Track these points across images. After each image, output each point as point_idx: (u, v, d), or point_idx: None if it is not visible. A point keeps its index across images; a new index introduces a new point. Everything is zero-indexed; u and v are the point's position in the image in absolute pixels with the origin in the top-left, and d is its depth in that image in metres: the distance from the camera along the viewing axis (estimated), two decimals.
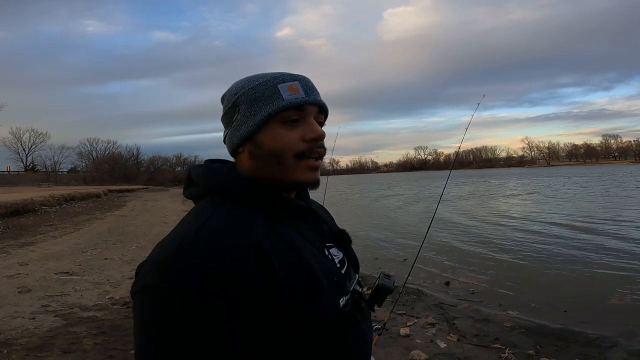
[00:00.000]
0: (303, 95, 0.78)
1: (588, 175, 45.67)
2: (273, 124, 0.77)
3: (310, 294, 0.71)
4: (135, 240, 10.10)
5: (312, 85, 0.82)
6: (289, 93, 0.77)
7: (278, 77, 0.79)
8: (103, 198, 30.51)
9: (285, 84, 0.79)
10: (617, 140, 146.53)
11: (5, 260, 7.70)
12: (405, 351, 3.77)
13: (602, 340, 4.08)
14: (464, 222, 13.26)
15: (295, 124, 0.78)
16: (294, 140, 0.77)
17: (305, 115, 0.78)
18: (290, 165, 0.77)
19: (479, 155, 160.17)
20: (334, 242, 0.88)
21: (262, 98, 0.78)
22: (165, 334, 0.62)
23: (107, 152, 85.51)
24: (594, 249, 8.32)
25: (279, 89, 0.78)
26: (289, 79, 0.80)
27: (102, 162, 77.67)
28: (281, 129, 0.77)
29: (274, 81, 0.79)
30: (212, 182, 0.79)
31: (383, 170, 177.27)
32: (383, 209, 19.99)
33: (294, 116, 0.77)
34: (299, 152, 0.77)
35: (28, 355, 3.57)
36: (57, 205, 20.91)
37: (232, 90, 0.83)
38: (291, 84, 0.79)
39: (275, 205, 0.78)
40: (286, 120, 0.77)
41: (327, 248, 0.84)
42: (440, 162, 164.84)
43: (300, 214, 0.82)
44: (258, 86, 0.79)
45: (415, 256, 3.07)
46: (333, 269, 0.80)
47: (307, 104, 0.78)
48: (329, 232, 0.89)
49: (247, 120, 0.79)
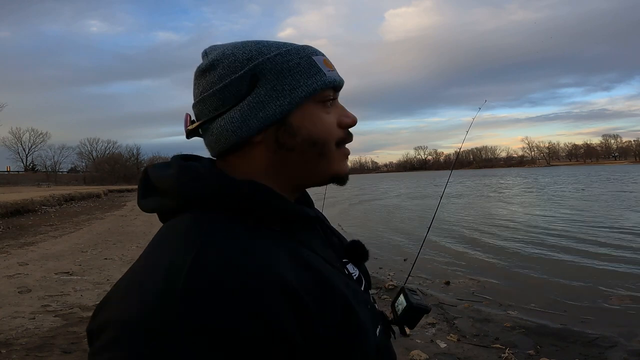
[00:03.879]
0: (337, 74, 0.65)
1: (590, 176, 45.62)
2: (311, 104, 0.60)
3: (353, 333, 0.54)
4: (135, 240, 10.10)
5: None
6: (328, 69, 0.62)
7: (309, 48, 0.63)
8: (103, 198, 30.50)
9: (320, 57, 0.63)
10: (617, 140, 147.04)
11: (5, 260, 7.70)
12: (405, 351, 3.77)
13: (602, 340, 4.08)
14: (464, 222, 13.25)
15: (330, 108, 0.63)
16: (333, 125, 0.62)
17: (335, 97, 0.64)
18: (333, 155, 0.62)
19: (479, 155, 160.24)
20: (348, 256, 0.71)
21: (298, 69, 0.60)
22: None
23: (107, 152, 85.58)
24: (594, 249, 8.31)
25: (315, 61, 0.62)
26: (317, 52, 0.64)
27: (102, 162, 77.61)
28: (320, 112, 0.61)
29: (306, 51, 0.62)
30: (201, 189, 0.55)
31: (383, 170, 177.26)
32: (383, 208, 19.97)
33: (332, 96, 0.63)
34: (340, 139, 0.63)
35: (28, 355, 3.56)
36: (57, 205, 20.91)
37: (242, 53, 0.60)
38: (325, 59, 0.64)
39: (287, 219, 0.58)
40: (326, 100, 0.62)
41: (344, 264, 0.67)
42: (441, 162, 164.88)
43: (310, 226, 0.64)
44: (289, 53, 0.60)
45: (415, 256, 3.06)
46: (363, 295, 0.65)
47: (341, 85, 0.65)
48: (339, 245, 0.71)
49: (278, 97, 0.58)
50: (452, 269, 7.21)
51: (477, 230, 11.63)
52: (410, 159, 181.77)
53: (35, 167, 79.64)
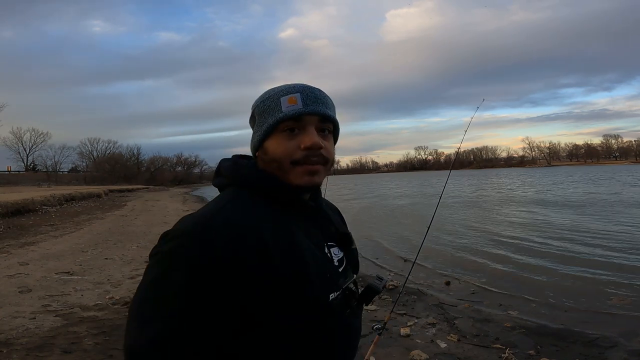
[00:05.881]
0: (301, 106, 0.86)
1: (590, 176, 45.58)
2: (277, 133, 0.86)
3: (299, 283, 0.78)
4: (135, 240, 10.10)
5: (315, 96, 0.88)
6: (287, 105, 0.86)
7: (282, 90, 0.88)
8: (103, 198, 30.50)
9: (287, 96, 0.87)
10: (618, 140, 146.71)
11: (5, 260, 7.71)
12: (405, 351, 3.77)
13: (602, 340, 4.07)
14: (464, 222, 13.25)
15: (295, 134, 0.85)
16: (292, 148, 0.85)
17: (304, 125, 0.85)
18: (287, 170, 0.85)
19: (480, 155, 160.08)
20: (337, 242, 0.96)
21: (267, 110, 0.88)
22: (161, 296, 0.72)
23: (108, 152, 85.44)
24: (594, 249, 8.32)
25: (280, 101, 0.86)
26: (291, 91, 0.88)
27: (103, 162, 77.56)
28: (282, 138, 0.86)
29: (278, 94, 0.88)
30: (236, 174, 0.89)
31: (383, 170, 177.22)
32: (383, 208, 19.98)
33: (292, 126, 0.85)
34: (295, 160, 0.85)
35: (28, 355, 3.57)
36: (58, 205, 20.91)
37: (254, 103, 0.93)
38: (291, 97, 0.87)
39: (285, 202, 0.87)
40: (285, 130, 0.86)
41: (329, 247, 0.92)
42: (441, 162, 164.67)
43: (309, 213, 0.90)
44: (266, 100, 0.90)
45: (415, 256, 3.06)
46: (328, 266, 0.88)
47: (305, 114, 0.85)
48: (335, 233, 0.96)
49: (258, 130, 0.90)
50: (452, 269, 7.21)
51: (477, 230, 11.63)
52: (411, 159, 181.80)
53: (36, 167, 79.59)
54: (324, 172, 0.89)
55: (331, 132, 0.91)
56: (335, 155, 0.94)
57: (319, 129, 0.87)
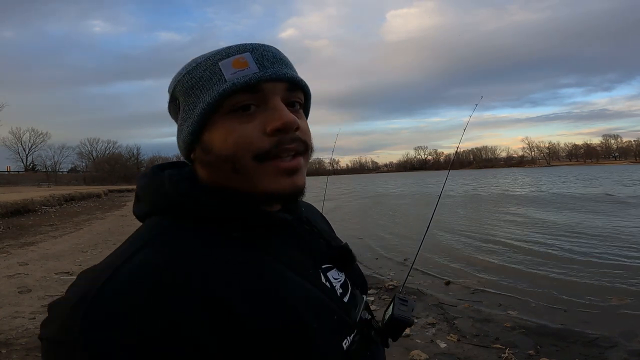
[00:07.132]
0: (256, 69, 0.55)
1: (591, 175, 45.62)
2: (221, 117, 0.55)
3: (295, 343, 0.51)
4: None
5: (272, 55, 0.58)
6: (234, 70, 0.55)
7: (221, 52, 0.57)
8: (103, 198, 30.49)
9: (230, 58, 0.56)
10: (617, 140, 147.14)
11: (5, 260, 7.70)
12: (405, 351, 3.77)
13: (602, 340, 4.07)
14: (464, 222, 13.24)
15: (251, 113, 0.55)
16: (252, 135, 0.54)
17: (265, 97, 0.55)
18: (251, 171, 0.55)
19: (479, 155, 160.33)
20: (334, 261, 0.67)
21: (199, 84, 0.56)
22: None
23: (107, 152, 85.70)
24: (594, 249, 8.31)
25: (220, 67, 0.56)
26: (235, 51, 0.57)
27: (103, 162, 77.64)
28: (233, 122, 0.55)
29: (214, 58, 0.57)
30: (156, 196, 0.58)
31: (383, 170, 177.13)
32: (383, 208, 19.97)
33: (246, 101, 0.55)
34: (260, 152, 0.54)
35: (28, 355, 3.57)
36: (57, 205, 20.90)
37: (173, 79, 0.61)
38: (237, 58, 0.56)
39: (248, 224, 0.56)
40: (235, 109, 0.55)
41: (324, 272, 0.64)
42: (441, 162, 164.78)
43: (285, 231, 0.61)
44: (195, 69, 0.57)
45: (414, 256, 3.06)
46: (331, 302, 0.59)
47: (263, 81, 0.55)
48: (327, 249, 0.67)
49: (187, 118, 0.57)
50: (452, 269, 7.21)
51: (477, 229, 11.61)
52: (411, 159, 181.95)
53: (36, 167, 79.72)
54: (305, 166, 0.59)
55: (302, 106, 0.61)
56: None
57: (286, 102, 0.57)
